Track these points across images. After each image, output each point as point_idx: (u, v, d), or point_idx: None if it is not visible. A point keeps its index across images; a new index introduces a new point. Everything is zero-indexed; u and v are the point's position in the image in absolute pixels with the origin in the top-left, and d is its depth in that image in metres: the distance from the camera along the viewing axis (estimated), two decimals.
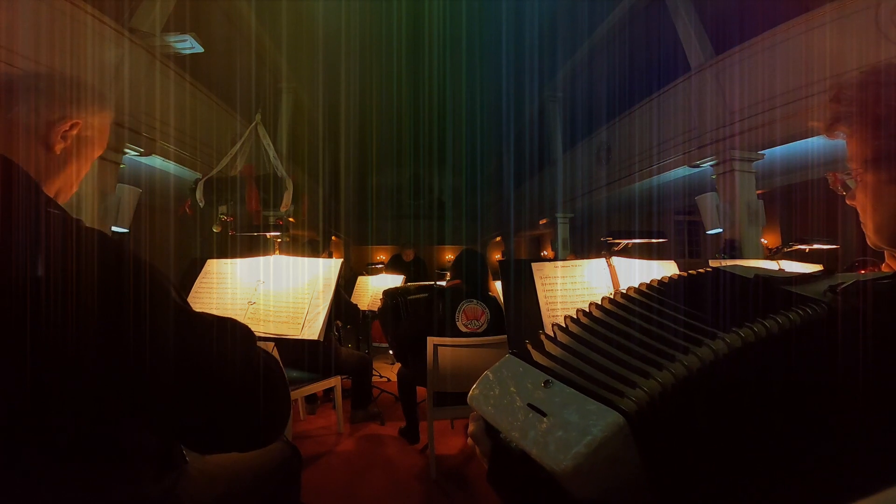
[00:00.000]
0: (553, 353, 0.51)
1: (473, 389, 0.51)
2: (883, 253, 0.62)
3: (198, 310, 0.68)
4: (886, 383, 0.40)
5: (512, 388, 0.48)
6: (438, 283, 3.90)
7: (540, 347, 0.53)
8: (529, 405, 0.44)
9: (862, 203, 0.62)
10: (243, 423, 0.68)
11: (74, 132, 0.78)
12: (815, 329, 0.46)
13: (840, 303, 0.47)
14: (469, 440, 0.55)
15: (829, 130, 0.63)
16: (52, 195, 0.76)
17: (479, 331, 2.55)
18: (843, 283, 0.50)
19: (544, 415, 0.43)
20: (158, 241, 5.62)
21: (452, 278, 2.83)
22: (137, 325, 0.58)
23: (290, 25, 7.36)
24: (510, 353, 0.52)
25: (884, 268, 0.62)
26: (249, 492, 1.02)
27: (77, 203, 3.75)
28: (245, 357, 0.69)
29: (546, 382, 0.46)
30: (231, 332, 0.69)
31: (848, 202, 0.66)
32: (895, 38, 3.57)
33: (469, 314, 2.58)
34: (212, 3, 6.30)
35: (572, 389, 0.44)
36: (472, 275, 2.73)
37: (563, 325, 0.55)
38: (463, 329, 2.55)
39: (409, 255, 7.47)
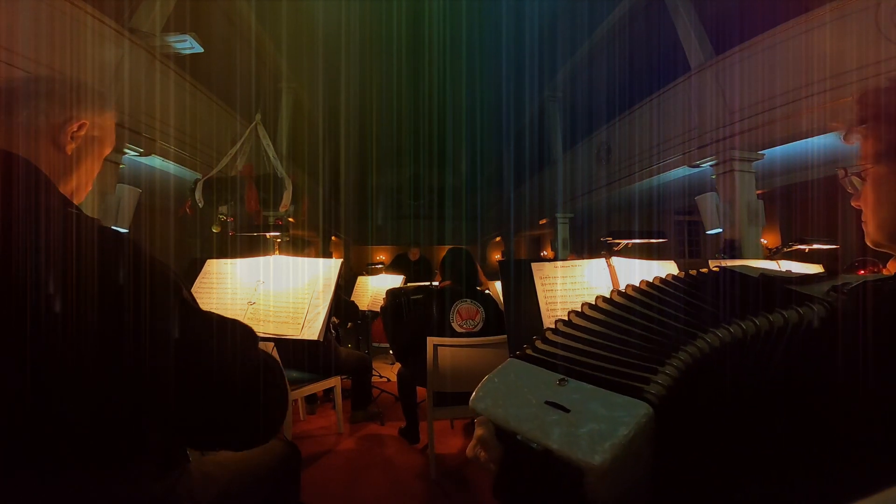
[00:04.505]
0: (561, 352, 0.50)
1: (477, 392, 0.49)
2: (883, 253, 0.62)
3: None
4: (888, 384, 0.40)
5: (525, 389, 0.46)
6: (434, 283, 3.90)
7: (545, 346, 0.52)
8: (548, 403, 0.43)
9: (867, 199, 0.62)
10: (241, 421, 0.69)
11: (83, 132, 0.80)
12: (819, 327, 0.46)
13: (843, 302, 0.48)
14: (470, 449, 0.51)
15: (850, 132, 0.63)
16: (68, 195, 0.78)
17: (475, 330, 2.52)
18: (845, 283, 0.50)
19: (567, 411, 0.42)
20: (158, 241, 5.62)
21: (443, 280, 2.80)
22: (147, 323, 0.60)
23: (290, 25, 7.36)
24: (512, 357, 0.51)
25: (885, 272, 0.62)
26: (249, 491, 1.02)
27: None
28: (245, 356, 0.70)
29: (561, 380, 0.45)
30: (232, 331, 0.70)
31: (853, 204, 0.66)
32: (895, 38, 3.57)
33: (463, 314, 2.55)
34: (212, 3, 6.30)
35: (591, 385, 0.43)
36: (458, 273, 2.68)
37: (568, 320, 0.55)
38: (459, 329, 2.52)
39: (415, 255, 7.37)
